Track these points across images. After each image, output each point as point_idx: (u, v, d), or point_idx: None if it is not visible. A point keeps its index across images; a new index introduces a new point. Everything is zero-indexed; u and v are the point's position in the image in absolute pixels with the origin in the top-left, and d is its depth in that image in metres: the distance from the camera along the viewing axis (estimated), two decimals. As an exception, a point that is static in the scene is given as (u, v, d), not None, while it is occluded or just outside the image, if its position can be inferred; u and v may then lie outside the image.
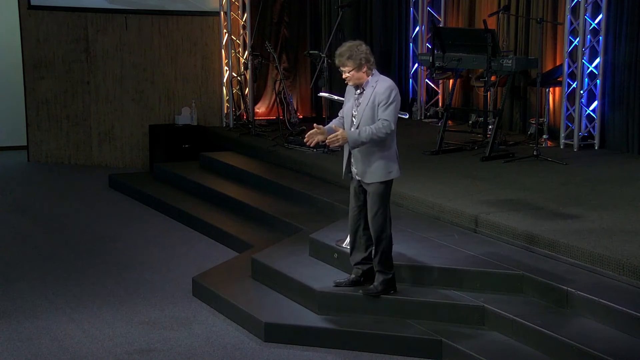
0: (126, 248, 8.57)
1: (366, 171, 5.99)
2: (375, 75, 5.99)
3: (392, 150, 6.00)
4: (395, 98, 5.89)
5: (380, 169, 5.96)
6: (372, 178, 5.99)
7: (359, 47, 5.89)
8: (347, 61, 5.88)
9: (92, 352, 6.07)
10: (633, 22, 9.41)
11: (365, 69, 5.92)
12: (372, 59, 5.95)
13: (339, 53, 5.91)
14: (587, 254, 6.17)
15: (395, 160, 6.03)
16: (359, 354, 6.01)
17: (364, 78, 5.95)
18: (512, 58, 9.31)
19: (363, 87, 5.97)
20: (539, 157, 9.18)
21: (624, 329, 5.46)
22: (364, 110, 5.91)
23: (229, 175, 10.19)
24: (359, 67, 5.90)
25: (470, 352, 5.62)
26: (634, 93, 9.48)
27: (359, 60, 5.88)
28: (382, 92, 5.87)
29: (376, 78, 5.97)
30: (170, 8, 12.29)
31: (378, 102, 5.87)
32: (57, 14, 12.05)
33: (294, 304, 6.52)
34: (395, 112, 5.88)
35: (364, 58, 5.89)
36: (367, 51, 5.92)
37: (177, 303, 7.03)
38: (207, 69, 12.47)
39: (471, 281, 6.25)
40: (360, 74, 5.93)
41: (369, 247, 6.21)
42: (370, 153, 5.94)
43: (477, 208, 7.30)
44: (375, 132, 5.81)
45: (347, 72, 5.92)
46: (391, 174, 6.00)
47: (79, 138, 12.36)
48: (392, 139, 6.00)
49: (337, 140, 5.87)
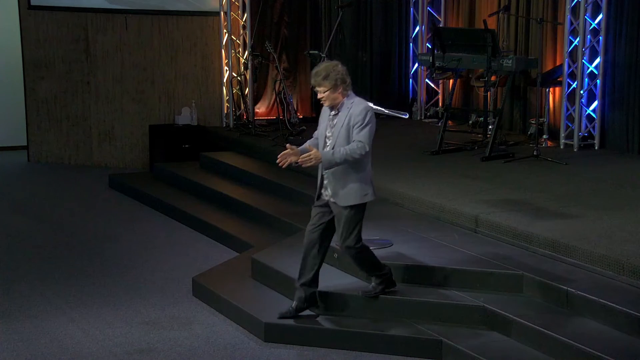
0: (126, 248, 8.57)
1: (340, 193, 5.86)
2: (351, 97, 5.86)
3: (367, 173, 5.90)
4: (371, 120, 5.78)
5: (354, 191, 5.84)
6: (346, 201, 5.85)
7: (336, 68, 5.79)
8: (323, 81, 5.77)
9: (92, 352, 6.07)
10: (633, 22, 9.42)
11: (341, 90, 5.80)
12: (348, 80, 5.82)
13: (314, 72, 5.81)
14: (587, 254, 6.17)
15: (369, 182, 5.93)
16: (359, 354, 6.01)
17: (340, 99, 5.83)
18: (512, 58, 9.31)
19: (338, 109, 5.86)
20: (539, 157, 9.19)
21: (624, 329, 5.46)
22: (339, 132, 5.81)
23: (229, 175, 10.19)
24: (334, 88, 5.78)
25: (470, 352, 5.62)
26: (634, 93, 9.49)
27: (335, 81, 5.75)
28: (358, 114, 5.75)
29: (351, 99, 5.84)
30: (170, 8, 12.29)
31: (353, 123, 5.76)
32: (57, 14, 12.05)
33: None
34: (371, 134, 5.78)
35: (340, 79, 5.77)
36: (343, 72, 5.81)
37: (177, 303, 7.03)
38: (207, 69, 12.47)
39: (471, 281, 6.25)
40: (335, 94, 5.81)
41: (317, 268, 6.08)
42: (345, 174, 5.83)
43: (477, 208, 7.30)
44: (349, 153, 5.71)
45: (323, 92, 5.82)
46: (366, 196, 5.89)
47: (79, 138, 12.36)
48: (367, 161, 5.89)
49: (310, 160, 5.72)
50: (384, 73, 12.85)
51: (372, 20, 12.73)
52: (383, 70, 12.84)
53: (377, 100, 10.26)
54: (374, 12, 12.73)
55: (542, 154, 9.27)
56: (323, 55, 9.78)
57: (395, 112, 6.80)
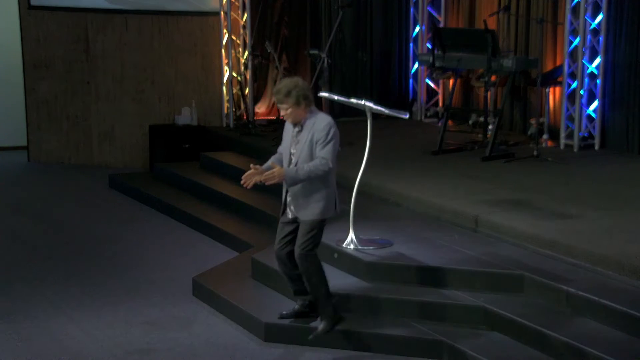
0: (126, 248, 8.57)
1: (302, 208, 5.86)
2: (314, 112, 5.83)
3: (331, 189, 5.88)
4: (334, 135, 5.75)
5: (317, 207, 5.83)
6: (308, 215, 5.85)
7: (297, 84, 5.75)
8: (285, 98, 5.73)
9: (92, 352, 6.07)
10: (633, 22, 9.42)
11: (304, 106, 5.76)
12: (310, 95, 5.77)
13: (276, 90, 5.80)
14: (587, 254, 6.17)
15: (333, 199, 5.90)
16: (359, 354, 6.01)
17: (302, 115, 5.79)
18: (512, 58, 9.31)
19: (301, 125, 5.83)
20: (539, 157, 9.19)
21: (624, 329, 5.46)
22: (303, 148, 5.79)
23: (229, 175, 10.18)
24: (297, 105, 5.74)
25: (470, 352, 5.62)
26: (634, 93, 9.49)
27: (297, 98, 5.71)
28: (321, 130, 5.73)
29: (314, 115, 5.81)
30: (170, 8, 12.28)
31: (316, 139, 5.74)
32: (57, 14, 12.04)
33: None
34: (334, 150, 5.76)
35: (302, 95, 5.72)
36: (305, 88, 5.77)
37: (177, 303, 7.03)
38: (207, 69, 12.46)
39: (471, 281, 6.25)
40: (298, 111, 5.77)
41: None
42: (307, 191, 5.81)
43: (477, 208, 7.30)
44: (312, 170, 5.70)
45: (285, 109, 5.79)
46: (328, 212, 5.88)
47: (79, 138, 12.35)
48: (332, 178, 5.87)
49: (273, 178, 5.72)
50: (384, 73, 12.84)
51: (372, 20, 12.72)
52: (383, 70, 12.84)
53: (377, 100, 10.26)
54: (374, 12, 12.73)
55: (542, 154, 9.27)
56: (323, 55, 9.80)
57: (395, 112, 6.79)
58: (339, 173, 8.84)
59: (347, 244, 6.77)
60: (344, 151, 9.83)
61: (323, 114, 5.87)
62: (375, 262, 6.52)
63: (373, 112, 6.71)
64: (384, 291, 6.32)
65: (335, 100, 7.36)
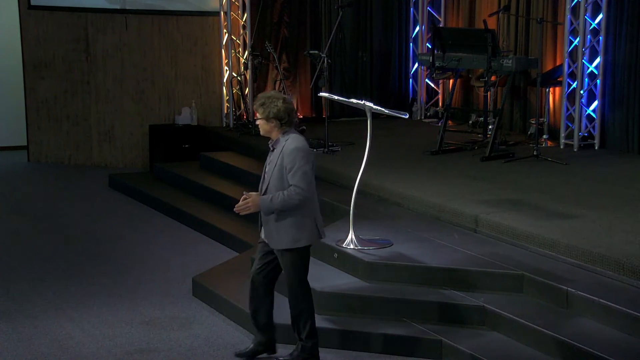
0: (126, 248, 8.57)
1: (272, 236, 5.59)
2: (287, 134, 5.54)
3: (307, 218, 5.55)
4: (304, 161, 5.43)
5: (287, 235, 5.53)
6: (278, 244, 5.58)
7: (275, 101, 5.51)
8: (259, 108, 5.57)
9: (92, 352, 6.07)
10: (633, 22, 9.42)
11: (274, 125, 5.53)
12: (286, 117, 5.51)
13: (258, 96, 5.65)
14: (587, 254, 6.17)
15: (308, 227, 5.56)
16: (359, 354, 6.01)
17: (273, 133, 5.58)
18: (512, 58, 9.31)
19: (273, 145, 5.61)
20: (539, 157, 9.19)
21: (624, 329, 5.46)
22: (273, 170, 5.54)
23: (229, 175, 10.19)
24: (266, 120, 5.54)
25: (470, 352, 5.62)
26: (634, 93, 9.49)
27: (268, 113, 5.51)
28: (288, 155, 5.45)
29: (287, 137, 5.53)
30: (170, 8, 12.29)
31: (285, 164, 5.47)
32: (57, 14, 12.05)
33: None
34: (306, 177, 5.43)
35: (274, 113, 5.49)
36: (282, 108, 5.50)
37: (177, 303, 7.03)
38: (207, 69, 12.47)
39: (471, 281, 6.25)
40: (268, 126, 5.57)
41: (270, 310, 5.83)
42: (281, 217, 5.52)
43: (477, 208, 7.30)
44: (287, 200, 5.43)
45: (257, 119, 5.64)
46: (299, 242, 5.53)
47: (79, 138, 12.36)
48: (310, 205, 5.57)
49: (248, 208, 5.54)
50: (384, 73, 12.85)
51: (372, 20, 12.73)
52: (383, 70, 12.84)
53: (377, 100, 10.28)
54: (374, 12, 12.73)
55: (542, 154, 9.27)
56: (323, 55, 9.79)
57: (395, 112, 6.79)
58: (339, 173, 8.91)
59: (347, 244, 6.77)
60: (344, 151, 9.91)
61: (296, 135, 5.57)
62: (375, 262, 6.52)
63: (373, 112, 6.71)
64: (384, 291, 6.32)
65: (335, 100, 7.36)
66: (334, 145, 9.98)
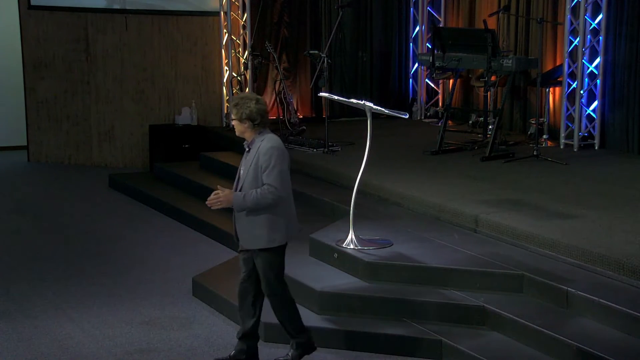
0: (126, 248, 8.57)
1: (245, 236, 5.58)
2: (263, 134, 5.55)
3: (280, 218, 5.53)
4: (279, 160, 5.46)
5: (260, 235, 5.51)
6: (249, 243, 5.58)
7: (248, 102, 5.50)
8: (233, 108, 5.56)
9: (92, 352, 6.07)
10: (633, 22, 9.42)
11: (247, 125, 5.51)
12: (258, 118, 5.49)
13: (232, 98, 5.70)
14: (587, 254, 6.17)
15: (281, 227, 5.54)
16: (359, 354, 6.01)
17: (248, 133, 5.56)
18: (512, 58, 9.31)
19: (249, 145, 5.58)
20: (539, 157, 9.19)
21: (624, 329, 5.46)
22: (248, 170, 5.52)
23: (229, 175, 10.15)
24: (240, 120, 5.51)
25: (470, 352, 5.62)
26: (634, 93, 9.49)
27: (241, 114, 5.49)
28: (263, 155, 5.46)
29: (263, 137, 5.54)
30: (170, 8, 12.29)
31: (260, 164, 5.46)
32: (57, 14, 12.05)
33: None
34: (282, 176, 5.46)
35: (247, 114, 5.48)
36: (255, 110, 5.49)
37: (177, 303, 7.03)
38: (207, 69, 12.47)
39: (471, 281, 6.25)
40: (242, 127, 5.54)
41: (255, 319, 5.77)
42: (251, 217, 5.51)
43: (477, 208, 7.30)
44: (260, 198, 5.42)
45: (231, 120, 5.62)
46: (274, 241, 5.52)
47: (79, 138, 12.36)
48: (284, 205, 5.55)
49: (220, 203, 5.50)
50: (384, 73, 12.85)
51: (372, 20, 12.73)
52: (383, 70, 12.84)
53: (377, 100, 10.28)
54: (374, 12, 12.73)
55: (542, 154, 9.27)
56: (323, 55, 9.79)
57: (395, 112, 6.79)
58: (339, 173, 8.91)
59: (347, 244, 6.77)
60: (344, 151, 9.91)
61: (271, 136, 5.59)
62: (375, 262, 6.52)
63: (373, 112, 6.71)
64: (384, 291, 6.32)
65: (335, 100, 7.36)
66: (334, 145, 9.98)
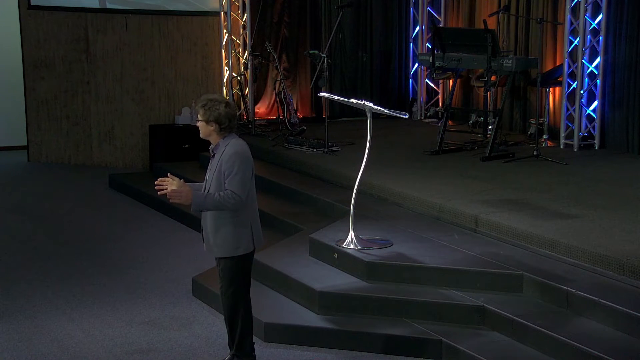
0: (126, 248, 8.57)
1: (211, 242, 5.50)
2: (227, 139, 5.46)
3: (243, 228, 5.46)
4: (242, 167, 5.36)
5: (224, 243, 5.44)
6: (218, 252, 5.48)
7: (217, 105, 5.40)
8: (200, 109, 5.45)
9: (92, 352, 6.07)
10: (633, 22, 9.42)
11: (213, 128, 5.43)
12: (226, 122, 5.40)
13: (200, 98, 5.54)
14: (587, 254, 6.17)
15: (246, 236, 5.47)
16: (359, 354, 6.01)
17: (212, 137, 5.49)
18: (512, 58, 9.31)
19: (214, 150, 5.52)
20: (539, 157, 9.19)
21: (624, 329, 5.46)
22: (212, 176, 5.46)
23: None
24: (206, 122, 5.43)
25: (470, 352, 5.62)
26: (634, 93, 9.49)
27: (208, 116, 5.40)
28: (227, 161, 5.36)
29: (227, 142, 5.44)
30: (170, 8, 12.30)
31: (224, 170, 5.38)
32: (57, 14, 12.05)
33: (294, 304, 6.51)
34: (244, 183, 5.36)
35: (214, 116, 5.39)
36: (223, 113, 5.38)
37: (177, 303, 7.03)
38: (207, 69, 12.47)
39: (471, 281, 6.25)
40: (207, 129, 5.46)
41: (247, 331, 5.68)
42: (216, 224, 5.45)
43: (477, 208, 7.30)
44: (221, 202, 5.31)
45: (197, 120, 5.55)
46: (238, 249, 5.45)
47: (79, 138, 12.36)
48: (248, 213, 5.50)
49: (180, 197, 5.38)
50: (384, 73, 12.85)
51: (372, 20, 12.73)
52: (383, 70, 12.85)
53: (377, 100, 10.29)
54: (374, 12, 12.73)
55: (542, 154, 9.27)
56: (323, 55, 9.79)
57: (395, 112, 6.79)
58: (339, 173, 8.91)
59: (347, 244, 6.77)
60: (344, 151, 9.91)
61: (236, 140, 5.48)
62: (375, 262, 6.52)
63: (373, 112, 6.71)
64: (384, 291, 6.32)
65: (335, 100, 7.36)
66: (334, 145, 9.98)
